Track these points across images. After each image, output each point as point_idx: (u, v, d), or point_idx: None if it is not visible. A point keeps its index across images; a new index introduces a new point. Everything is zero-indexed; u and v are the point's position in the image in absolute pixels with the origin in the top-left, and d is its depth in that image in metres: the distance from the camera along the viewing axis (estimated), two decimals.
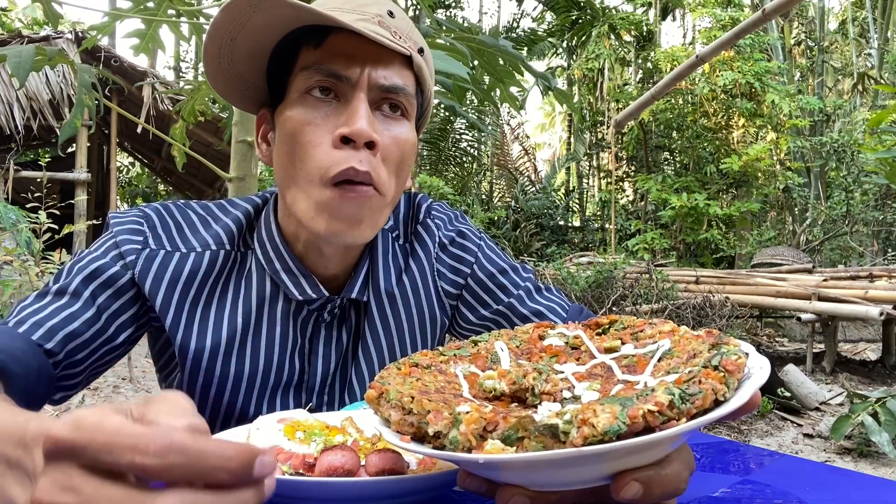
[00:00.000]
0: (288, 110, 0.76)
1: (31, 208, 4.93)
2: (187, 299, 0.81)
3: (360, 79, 0.73)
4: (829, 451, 3.67)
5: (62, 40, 7.91)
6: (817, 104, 10.88)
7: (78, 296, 0.76)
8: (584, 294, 5.85)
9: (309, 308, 0.84)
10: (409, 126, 0.79)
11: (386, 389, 0.46)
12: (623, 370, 0.49)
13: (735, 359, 0.43)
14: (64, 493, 0.33)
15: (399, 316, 0.89)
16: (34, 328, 0.72)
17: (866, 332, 7.39)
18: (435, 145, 12.25)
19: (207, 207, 0.87)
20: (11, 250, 3.98)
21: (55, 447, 0.33)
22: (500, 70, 1.79)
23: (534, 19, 15.32)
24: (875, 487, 0.61)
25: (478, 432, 0.41)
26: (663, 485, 0.42)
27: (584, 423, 0.37)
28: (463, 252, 0.92)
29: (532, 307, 0.90)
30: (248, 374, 0.82)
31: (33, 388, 0.67)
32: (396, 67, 0.75)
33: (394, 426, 0.46)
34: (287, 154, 0.75)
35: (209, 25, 0.71)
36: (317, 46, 0.73)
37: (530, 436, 0.39)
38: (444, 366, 0.52)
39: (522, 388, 0.47)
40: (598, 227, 13.91)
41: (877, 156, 4.05)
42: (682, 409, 0.39)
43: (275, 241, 0.82)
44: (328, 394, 0.86)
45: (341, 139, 0.72)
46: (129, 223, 0.82)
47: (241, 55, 0.75)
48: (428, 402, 0.43)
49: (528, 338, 0.56)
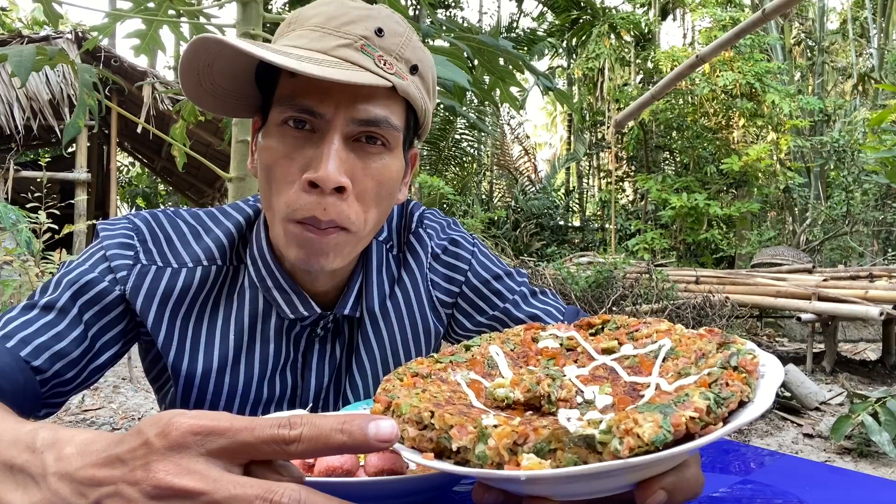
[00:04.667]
0: (267, 138, 0.74)
1: (31, 208, 4.93)
2: (178, 316, 0.80)
3: (335, 116, 0.69)
4: (829, 451, 3.67)
5: (62, 40, 7.91)
6: (817, 104, 10.88)
7: (65, 313, 0.74)
8: (584, 294, 5.85)
9: (302, 324, 0.83)
10: (392, 155, 0.75)
11: (397, 403, 0.44)
12: (627, 371, 0.48)
13: (751, 358, 0.43)
14: (189, 476, 0.37)
15: (392, 328, 0.88)
16: (21, 345, 0.70)
17: (866, 332, 7.38)
18: (435, 145, 12.25)
19: (198, 217, 0.85)
20: (11, 250, 3.98)
21: (186, 437, 0.38)
22: (500, 70, 1.79)
23: (534, 19, 15.32)
24: (875, 487, 0.60)
25: (508, 447, 0.39)
26: (685, 489, 0.42)
27: (628, 433, 0.36)
28: (456, 260, 0.92)
29: (528, 311, 0.90)
30: (242, 391, 0.81)
31: (19, 403, 0.66)
32: (379, 98, 0.71)
33: (409, 442, 0.43)
34: (265, 181, 0.74)
35: (181, 60, 0.69)
36: (293, 75, 0.69)
37: (564, 448, 0.38)
38: (443, 374, 0.51)
39: (537, 395, 0.45)
40: (598, 227, 13.90)
41: (877, 155, 4.05)
42: (718, 414, 0.38)
43: (266, 259, 0.81)
44: (322, 409, 0.86)
45: (309, 183, 0.69)
46: (120, 236, 0.80)
47: (223, 76, 0.73)
48: (450, 417, 0.41)
49: (520, 340, 0.55)
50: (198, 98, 0.75)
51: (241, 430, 0.38)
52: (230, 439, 0.38)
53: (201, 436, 0.38)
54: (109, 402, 4.01)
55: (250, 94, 0.78)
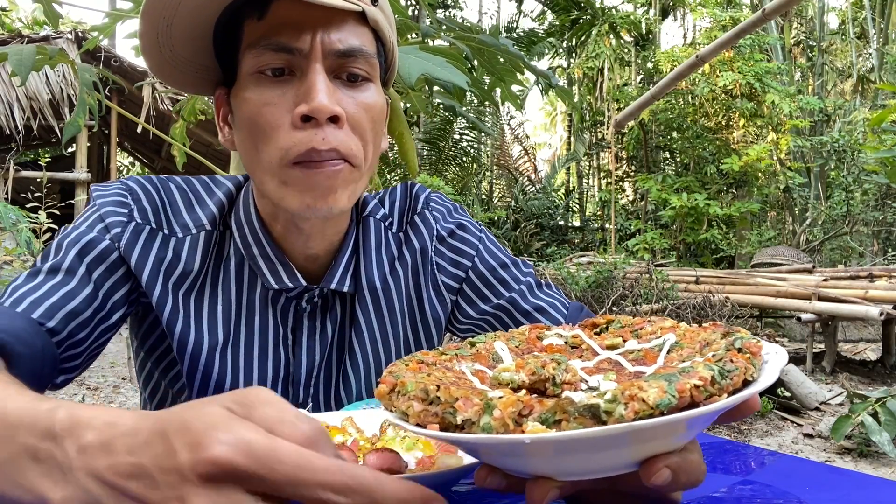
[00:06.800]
0: (242, 92, 0.71)
1: (31, 208, 4.93)
2: (182, 289, 0.79)
3: (313, 48, 0.67)
4: (829, 451, 3.67)
5: (62, 40, 7.91)
6: (817, 104, 10.88)
7: (73, 273, 0.73)
8: (584, 294, 5.85)
9: (287, 296, 0.81)
10: (375, 88, 0.74)
11: (402, 382, 0.44)
12: (632, 363, 0.48)
13: (755, 342, 0.43)
14: None
15: (393, 307, 0.87)
16: (33, 307, 0.68)
17: (866, 332, 7.38)
18: (435, 145, 12.24)
19: (191, 184, 0.84)
20: (11, 250, 3.98)
21: (223, 471, 0.33)
22: (500, 69, 1.78)
23: (533, 19, 15.32)
24: (875, 487, 0.60)
25: (513, 416, 0.39)
26: (689, 472, 0.42)
27: (633, 398, 0.37)
28: (464, 245, 0.90)
29: (534, 302, 0.88)
30: (245, 369, 0.80)
31: (39, 369, 0.65)
32: (351, 27, 0.70)
33: (413, 419, 0.43)
34: (248, 138, 0.71)
35: (139, 19, 0.66)
36: (260, 18, 0.68)
37: (569, 417, 0.38)
38: (448, 364, 0.51)
39: (542, 378, 0.45)
40: (598, 227, 13.91)
41: (877, 155, 4.04)
42: (723, 385, 0.39)
43: (253, 225, 0.79)
44: (314, 386, 0.84)
45: (301, 118, 0.67)
46: (113, 195, 0.79)
47: (181, 39, 0.71)
48: (455, 390, 0.41)
49: (525, 338, 0.55)
50: (157, 68, 0.73)
51: (291, 482, 0.34)
52: (279, 489, 0.34)
53: (243, 474, 0.34)
54: (109, 402, 4.01)
55: (209, 66, 0.76)
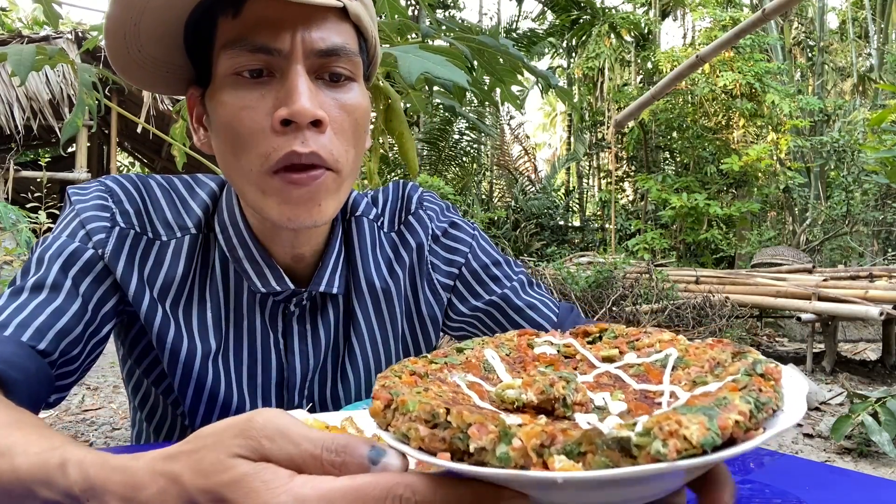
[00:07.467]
0: (219, 94, 0.67)
1: (31, 208, 4.94)
2: (157, 292, 0.75)
3: (293, 48, 0.64)
4: (829, 451, 3.67)
5: (62, 40, 7.91)
6: (817, 104, 10.88)
7: (59, 288, 0.69)
8: (584, 294, 5.84)
9: (275, 299, 0.79)
10: (359, 88, 0.70)
11: (402, 400, 0.41)
12: (635, 379, 0.46)
13: (774, 367, 0.42)
14: None
15: (392, 307, 0.86)
16: (21, 329, 0.65)
17: (866, 332, 7.38)
18: (435, 145, 12.24)
19: (173, 183, 0.80)
20: (11, 250, 3.98)
21: None
22: (500, 69, 1.78)
23: (533, 19, 15.31)
24: (875, 487, 0.60)
25: (536, 447, 0.36)
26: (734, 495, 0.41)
27: (673, 434, 0.34)
28: (457, 243, 0.90)
29: (526, 299, 0.89)
30: (235, 373, 0.79)
31: (35, 392, 0.64)
32: (332, 24, 0.66)
33: (416, 443, 0.39)
34: (225, 144, 0.67)
35: (105, 19, 0.63)
36: (235, 15, 0.64)
37: (596, 450, 0.35)
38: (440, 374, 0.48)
39: (551, 398, 0.42)
40: (598, 227, 13.90)
41: (877, 155, 4.04)
42: (759, 419, 0.37)
43: (238, 227, 0.76)
44: (309, 389, 0.83)
45: (282, 122, 0.63)
46: (94, 198, 0.74)
47: (150, 39, 0.66)
48: (468, 414, 0.38)
49: (514, 345, 0.53)
50: (123, 69, 0.69)
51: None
52: None
53: None
54: (109, 402, 4.00)
55: (181, 65, 0.72)
